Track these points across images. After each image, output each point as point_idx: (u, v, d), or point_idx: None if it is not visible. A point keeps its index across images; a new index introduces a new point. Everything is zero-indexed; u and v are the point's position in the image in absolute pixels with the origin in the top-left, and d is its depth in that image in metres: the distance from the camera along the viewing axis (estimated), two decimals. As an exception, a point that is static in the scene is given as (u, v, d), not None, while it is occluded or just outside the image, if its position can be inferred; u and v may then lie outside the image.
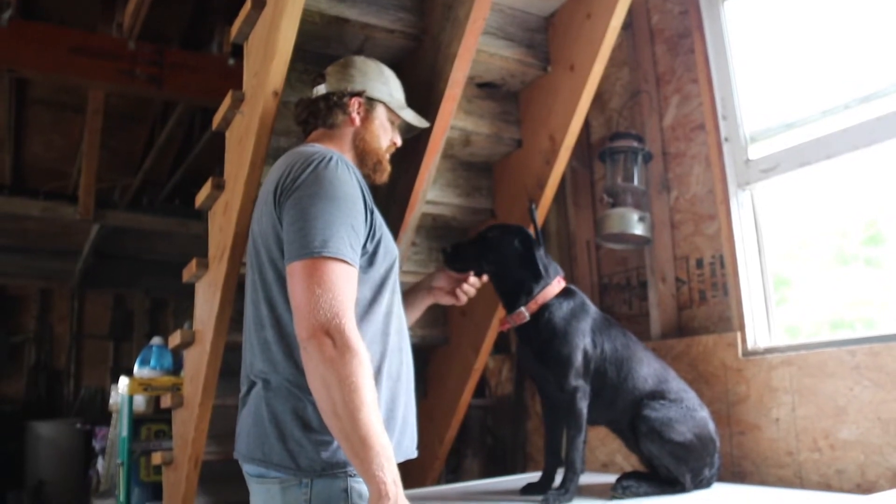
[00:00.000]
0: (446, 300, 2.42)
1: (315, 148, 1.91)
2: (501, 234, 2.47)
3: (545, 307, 2.39)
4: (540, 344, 2.38)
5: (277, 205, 1.81)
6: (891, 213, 2.65)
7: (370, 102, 2.13)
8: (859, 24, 2.66)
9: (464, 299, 2.41)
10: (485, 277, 2.44)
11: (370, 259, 1.87)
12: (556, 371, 2.34)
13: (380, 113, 2.15)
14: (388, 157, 2.18)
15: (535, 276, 2.39)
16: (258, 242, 1.89)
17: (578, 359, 2.34)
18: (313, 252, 1.67)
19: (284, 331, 1.80)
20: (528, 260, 2.39)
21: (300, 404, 1.75)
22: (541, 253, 2.42)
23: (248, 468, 1.84)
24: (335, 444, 1.70)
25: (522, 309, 2.39)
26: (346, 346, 1.59)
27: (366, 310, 1.84)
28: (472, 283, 2.40)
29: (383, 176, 2.15)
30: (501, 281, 2.45)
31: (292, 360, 1.77)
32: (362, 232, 1.81)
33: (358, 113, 2.11)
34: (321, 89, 2.14)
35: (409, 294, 2.39)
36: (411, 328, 2.15)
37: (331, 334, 1.60)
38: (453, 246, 2.46)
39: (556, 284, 2.43)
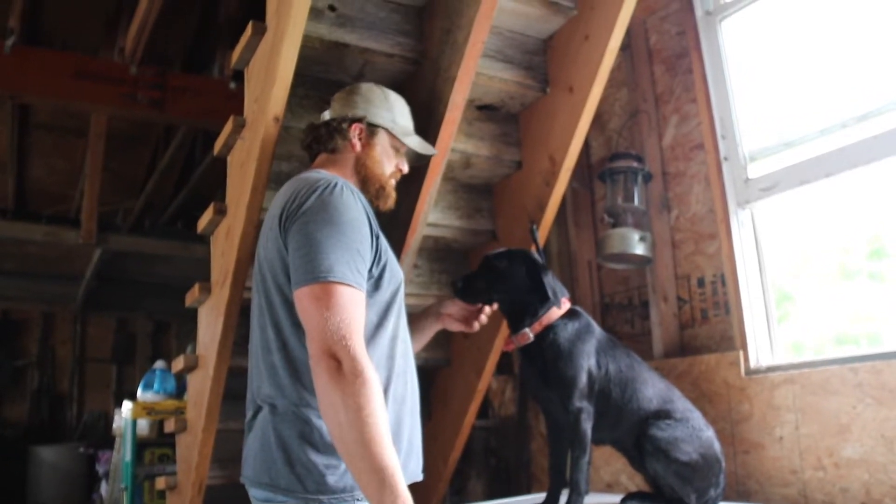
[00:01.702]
0: (456, 327, 2.41)
1: (320, 174, 1.92)
2: (509, 264, 2.47)
3: (550, 328, 2.39)
4: (544, 364, 2.38)
5: (283, 230, 1.82)
6: (894, 227, 2.65)
7: (371, 128, 2.14)
8: (857, 44, 2.68)
9: (476, 328, 2.41)
10: (495, 305, 2.44)
11: (376, 283, 1.88)
12: (561, 392, 2.34)
13: (382, 139, 2.15)
14: (392, 183, 2.18)
15: (544, 300, 2.39)
16: (264, 267, 1.90)
17: (583, 380, 2.34)
18: (319, 277, 1.68)
19: (291, 355, 1.81)
20: (537, 285, 2.39)
21: (307, 428, 1.76)
22: (549, 278, 2.42)
23: (255, 492, 1.84)
24: (342, 467, 1.71)
25: (527, 329, 2.39)
26: (355, 369, 1.60)
27: (372, 333, 1.85)
28: (486, 313, 2.40)
29: (388, 202, 2.15)
30: (509, 305, 2.46)
31: (299, 384, 1.78)
32: (368, 256, 1.82)
33: (359, 139, 2.11)
34: (326, 115, 2.17)
35: (417, 319, 2.39)
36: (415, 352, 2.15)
37: (340, 357, 1.61)
38: (463, 280, 2.47)
39: (563, 304, 2.44)
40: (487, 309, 2.40)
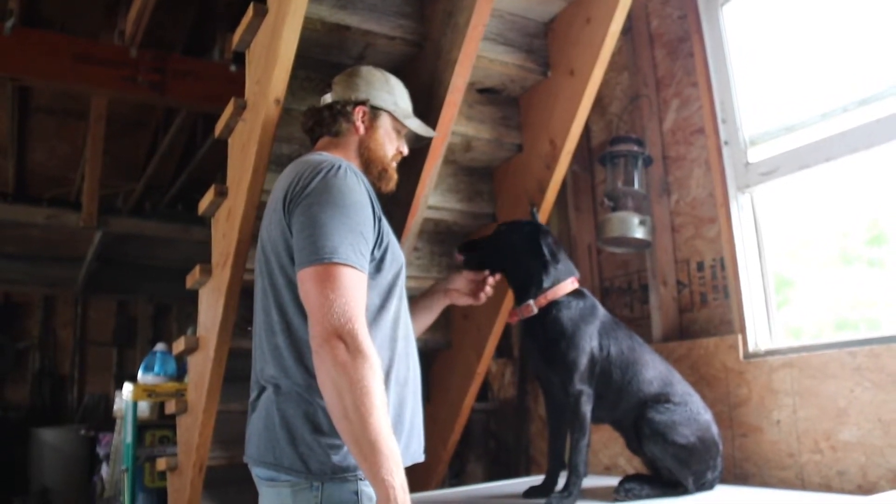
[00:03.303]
0: (463, 301, 2.44)
1: (323, 156, 1.93)
2: (510, 229, 2.49)
3: (554, 303, 2.40)
4: (546, 343, 2.39)
5: (287, 212, 1.83)
6: (893, 213, 2.66)
7: (374, 111, 2.14)
8: (857, 28, 2.67)
9: (483, 299, 2.43)
10: (498, 275, 2.44)
11: (378, 266, 1.89)
12: (561, 374, 2.35)
13: (384, 122, 2.16)
14: (394, 165, 2.19)
15: (544, 265, 2.40)
16: (268, 249, 1.91)
17: (584, 363, 2.35)
18: (323, 258, 1.70)
19: (295, 336, 1.82)
20: (536, 250, 2.40)
21: (311, 408, 1.77)
22: (549, 241, 2.43)
23: (258, 472, 1.85)
24: (345, 447, 1.72)
25: (531, 302, 2.40)
26: (358, 351, 1.61)
27: (374, 316, 1.86)
28: (490, 283, 2.42)
29: (389, 184, 2.16)
30: (513, 274, 2.47)
31: (303, 365, 1.79)
32: (371, 239, 1.83)
33: (362, 121, 2.12)
34: (327, 98, 2.16)
35: (424, 297, 2.42)
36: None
37: (343, 338, 1.62)
38: (466, 243, 2.48)
39: (569, 283, 2.44)
40: (491, 280, 2.42)
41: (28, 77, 5.18)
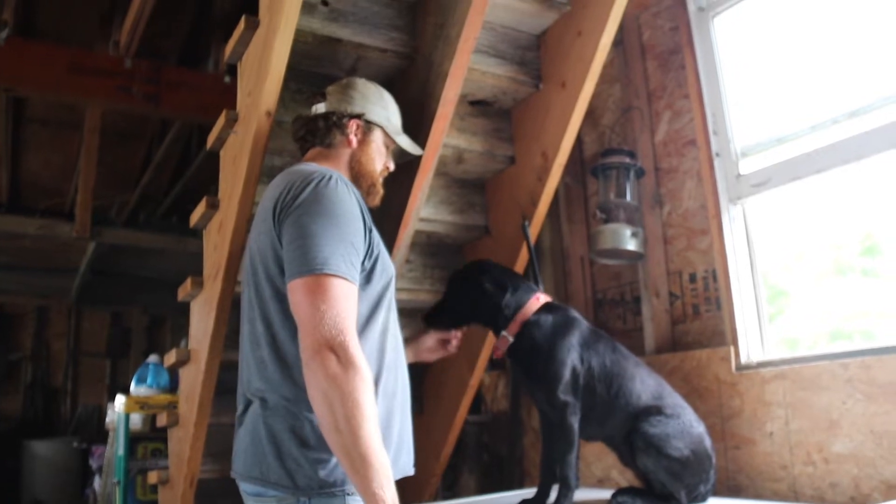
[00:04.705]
0: (433, 357, 2.53)
1: (313, 167, 1.93)
2: (455, 280, 2.54)
3: (525, 325, 2.40)
4: (528, 362, 2.39)
5: (277, 223, 1.82)
6: (887, 224, 2.66)
7: (368, 125, 2.15)
8: (847, 40, 2.68)
9: (453, 350, 2.51)
10: (459, 334, 2.53)
11: (368, 276, 1.88)
12: (544, 387, 2.35)
13: (376, 136, 2.17)
14: (381, 180, 2.19)
15: (499, 297, 2.42)
16: (255, 260, 1.90)
17: (565, 374, 2.33)
18: (314, 269, 1.69)
19: (281, 349, 1.81)
20: (480, 290, 2.44)
21: (297, 423, 1.76)
22: (491, 275, 2.47)
23: (245, 487, 1.84)
24: (333, 462, 1.71)
25: (504, 333, 2.42)
26: (349, 363, 1.61)
27: (363, 327, 1.85)
28: (457, 337, 2.51)
29: (376, 199, 2.16)
30: (480, 319, 2.51)
31: (289, 379, 1.78)
32: (361, 250, 1.82)
33: (356, 135, 2.12)
34: (321, 108, 2.15)
35: None
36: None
37: (335, 350, 1.61)
38: (428, 313, 2.53)
39: (534, 301, 2.44)
40: (458, 333, 2.51)
41: (22, 87, 5.19)
